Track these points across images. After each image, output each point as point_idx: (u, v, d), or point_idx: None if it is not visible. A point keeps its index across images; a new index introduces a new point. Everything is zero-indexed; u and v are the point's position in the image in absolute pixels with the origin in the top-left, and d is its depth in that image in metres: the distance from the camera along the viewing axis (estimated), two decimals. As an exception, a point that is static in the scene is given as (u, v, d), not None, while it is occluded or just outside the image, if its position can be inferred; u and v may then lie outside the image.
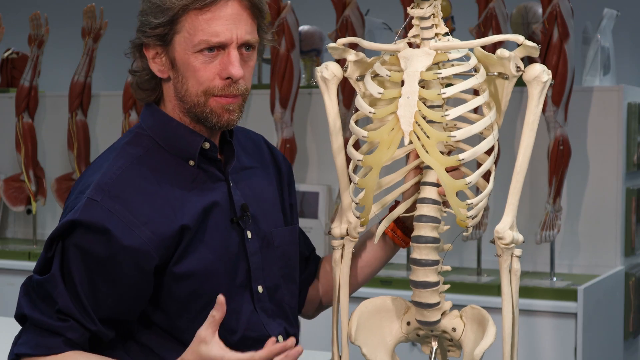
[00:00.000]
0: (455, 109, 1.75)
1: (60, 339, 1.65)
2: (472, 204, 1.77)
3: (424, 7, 1.78)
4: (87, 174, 1.75)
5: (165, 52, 1.71)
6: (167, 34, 1.69)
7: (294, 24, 4.03)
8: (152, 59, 1.72)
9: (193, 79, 1.69)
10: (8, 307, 4.29)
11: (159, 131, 1.75)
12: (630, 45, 5.45)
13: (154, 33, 1.69)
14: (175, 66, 1.71)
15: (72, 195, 1.74)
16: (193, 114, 1.73)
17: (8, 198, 4.72)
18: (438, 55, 1.79)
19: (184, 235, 1.69)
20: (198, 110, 1.72)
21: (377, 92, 1.80)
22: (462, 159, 1.73)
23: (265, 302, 1.81)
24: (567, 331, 3.36)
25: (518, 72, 1.78)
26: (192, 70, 1.69)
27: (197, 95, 1.70)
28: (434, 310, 1.83)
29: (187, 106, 1.73)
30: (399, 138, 1.75)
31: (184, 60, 1.69)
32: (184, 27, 1.68)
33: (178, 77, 1.71)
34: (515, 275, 1.79)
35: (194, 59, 1.68)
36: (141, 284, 1.68)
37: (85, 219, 1.65)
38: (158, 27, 1.69)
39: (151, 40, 1.70)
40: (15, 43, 5.09)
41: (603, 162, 3.75)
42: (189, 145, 1.74)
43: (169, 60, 1.71)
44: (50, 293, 1.66)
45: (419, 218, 1.80)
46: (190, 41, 1.68)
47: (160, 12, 1.68)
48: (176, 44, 1.69)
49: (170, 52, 1.70)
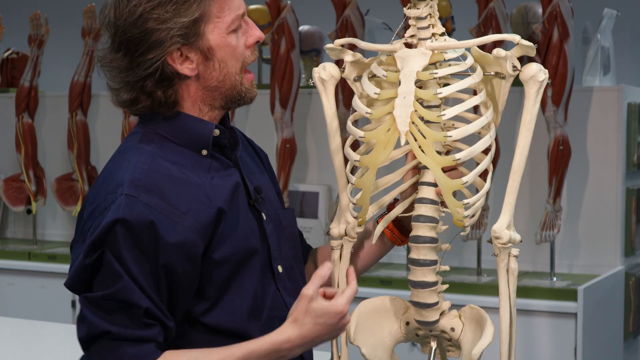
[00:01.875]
0: (452, 108, 1.76)
1: (152, 344, 1.61)
2: (469, 203, 1.77)
3: (421, 7, 1.78)
4: (108, 177, 1.69)
5: (193, 48, 1.66)
6: (195, 28, 1.65)
7: (294, 24, 4.03)
8: (182, 63, 1.67)
9: (232, 58, 1.69)
10: (8, 307, 4.31)
11: (166, 126, 1.72)
12: (630, 45, 5.45)
13: (179, 33, 1.64)
14: (210, 56, 1.68)
15: (94, 201, 1.67)
16: (227, 98, 1.72)
17: (8, 198, 4.72)
18: (434, 55, 1.79)
19: (221, 220, 1.69)
20: (235, 92, 1.72)
21: (373, 93, 1.80)
22: (458, 158, 1.74)
23: (286, 281, 1.81)
24: (567, 331, 3.36)
25: (515, 72, 1.78)
26: (231, 50, 1.68)
27: (235, 74, 1.71)
28: (432, 310, 1.83)
29: (224, 90, 1.71)
30: (395, 138, 1.76)
31: (222, 45, 1.68)
32: (211, 14, 1.65)
33: (214, 65, 1.68)
34: (512, 274, 1.79)
35: (231, 39, 1.68)
36: (192, 274, 1.66)
37: (129, 216, 1.60)
38: (185, 26, 1.64)
39: (176, 45, 1.65)
40: (15, 43, 5.09)
41: (603, 162, 3.75)
42: (201, 135, 1.72)
43: (202, 54, 1.67)
44: (127, 300, 1.60)
45: (417, 218, 1.80)
46: (223, 23, 1.67)
47: (187, 9, 1.63)
48: (207, 33, 1.66)
49: (202, 45, 1.66)
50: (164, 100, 1.68)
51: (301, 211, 4.12)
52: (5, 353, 2.89)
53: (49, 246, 4.61)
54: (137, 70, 1.66)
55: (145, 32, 1.64)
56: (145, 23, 1.63)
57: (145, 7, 1.63)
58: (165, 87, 1.68)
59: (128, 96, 1.69)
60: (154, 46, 1.64)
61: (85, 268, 1.63)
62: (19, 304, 4.35)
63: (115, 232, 1.60)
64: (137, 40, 1.64)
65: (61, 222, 4.83)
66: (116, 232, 1.60)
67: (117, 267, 1.60)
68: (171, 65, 1.66)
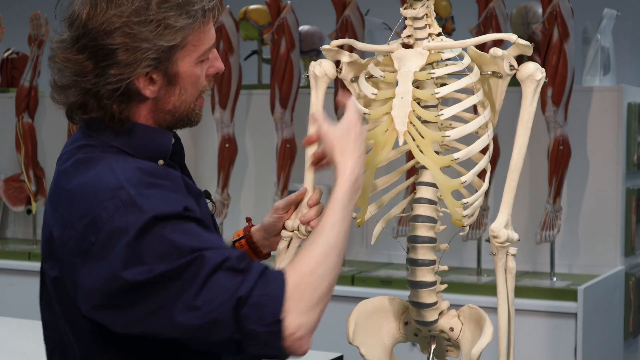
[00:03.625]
0: (449, 108, 1.76)
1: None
2: (467, 203, 1.77)
3: (417, 8, 1.78)
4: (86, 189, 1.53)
5: (160, 72, 1.56)
6: (170, 53, 1.55)
7: (294, 24, 4.03)
8: (146, 85, 1.56)
9: (193, 87, 1.62)
10: (8, 307, 4.31)
11: (120, 138, 1.59)
12: (630, 45, 5.45)
13: (154, 57, 1.53)
14: (173, 82, 1.59)
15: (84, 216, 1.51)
16: (177, 120, 1.65)
17: (8, 198, 4.73)
18: (431, 55, 1.79)
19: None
20: (186, 116, 1.64)
21: (371, 93, 1.80)
22: (456, 158, 1.74)
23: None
24: (567, 331, 3.36)
25: (512, 71, 1.78)
26: (194, 79, 1.61)
27: (192, 102, 1.63)
28: (431, 310, 1.83)
29: (176, 115, 1.63)
30: (393, 138, 1.76)
31: (189, 73, 1.60)
32: (189, 41, 1.57)
33: (174, 91, 1.60)
34: (510, 273, 1.79)
35: (198, 68, 1.61)
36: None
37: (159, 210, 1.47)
38: (162, 50, 1.54)
39: (148, 69, 1.54)
40: (15, 43, 5.09)
41: (603, 162, 3.75)
42: (160, 144, 1.64)
43: (166, 78, 1.58)
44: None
45: (415, 218, 1.80)
46: (196, 53, 1.58)
47: (170, 34, 1.54)
48: (178, 59, 1.57)
49: (170, 70, 1.57)
50: (117, 115, 1.57)
51: (301, 211, 4.12)
52: (5, 353, 2.89)
53: (49, 246, 4.61)
54: (97, 80, 1.54)
55: (119, 47, 1.52)
56: (121, 37, 1.52)
57: (127, 22, 1.52)
58: (122, 102, 1.56)
59: (77, 99, 1.57)
60: (124, 64, 1.52)
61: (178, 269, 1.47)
62: (19, 304, 4.35)
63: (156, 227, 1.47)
64: (107, 52, 1.53)
65: (61, 222, 4.83)
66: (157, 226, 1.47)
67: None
68: (136, 85, 1.55)
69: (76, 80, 1.55)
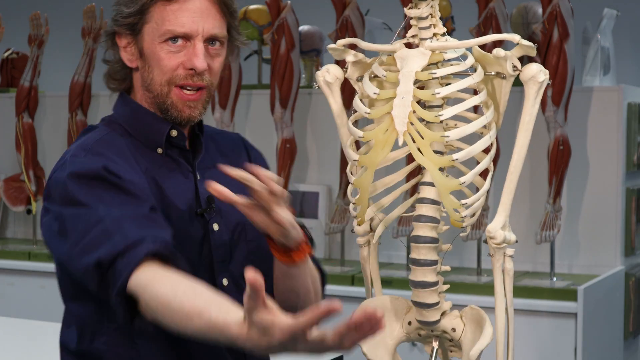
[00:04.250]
0: (450, 108, 1.76)
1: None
2: (467, 203, 1.77)
3: (422, 7, 1.78)
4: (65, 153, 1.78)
5: (134, 41, 1.76)
6: (137, 23, 1.74)
7: (294, 24, 4.03)
8: (124, 47, 1.78)
9: (158, 68, 1.74)
10: (8, 307, 4.31)
11: (128, 119, 1.79)
12: (630, 45, 5.45)
13: (125, 22, 1.75)
14: (143, 55, 1.76)
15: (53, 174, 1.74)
16: (157, 104, 1.77)
17: (8, 198, 4.72)
18: (434, 55, 1.79)
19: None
20: (160, 101, 1.76)
21: (372, 93, 1.80)
22: (455, 159, 1.74)
23: (232, 293, 1.66)
24: (567, 331, 3.36)
25: (515, 72, 1.78)
26: (157, 59, 1.74)
27: (160, 85, 1.74)
28: (433, 310, 1.83)
29: (152, 95, 1.77)
30: (393, 138, 1.76)
31: (151, 50, 1.74)
32: (152, 17, 1.73)
33: (145, 66, 1.76)
34: (508, 274, 1.80)
35: (160, 48, 1.73)
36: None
37: (77, 169, 1.66)
38: (129, 16, 1.74)
39: (122, 30, 1.76)
40: (15, 43, 5.09)
41: (603, 162, 3.75)
42: (156, 132, 1.77)
43: (138, 49, 1.76)
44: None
45: (418, 218, 1.80)
46: (157, 31, 1.73)
47: (131, 2, 1.74)
48: (145, 33, 1.74)
49: (139, 42, 1.76)
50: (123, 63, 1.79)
51: (301, 211, 4.12)
52: (5, 353, 2.89)
53: (49, 246, 4.60)
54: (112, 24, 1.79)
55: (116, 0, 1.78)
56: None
57: None
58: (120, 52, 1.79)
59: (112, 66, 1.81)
60: (114, 17, 1.78)
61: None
62: (19, 304, 4.35)
63: (66, 185, 1.65)
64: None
65: (61, 222, 4.83)
66: (66, 184, 1.65)
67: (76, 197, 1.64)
68: (117, 44, 1.78)
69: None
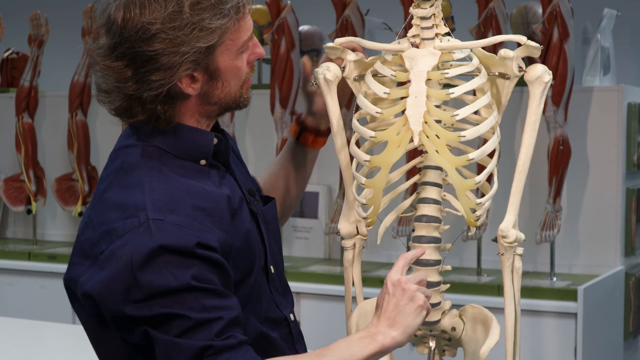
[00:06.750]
0: (463, 109, 1.75)
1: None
2: (481, 202, 1.77)
3: (426, 7, 1.78)
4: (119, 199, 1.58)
5: (201, 70, 1.59)
6: (209, 52, 1.58)
7: (294, 24, 4.03)
8: (188, 85, 1.59)
9: (236, 78, 1.64)
10: (8, 307, 4.31)
11: (164, 139, 1.63)
12: (630, 45, 5.45)
13: (192, 59, 1.56)
14: (215, 76, 1.62)
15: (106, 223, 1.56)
16: (225, 108, 1.68)
17: (8, 198, 4.72)
18: (443, 55, 1.79)
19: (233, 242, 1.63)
20: (233, 102, 1.67)
21: (382, 92, 1.79)
22: (471, 158, 1.73)
23: (276, 280, 1.77)
24: (567, 331, 3.36)
25: (520, 72, 1.78)
26: (236, 71, 1.63)
27: (237, 90, 1.66)
28: (435, 310, 1.83)
29: (223, 105, 1.66)
30: (408, 138, 1.74)
31: (230, 66, 1.62)
32: (226, 37, 1.59)
33: (217, 84, 1.63)
34: (517, 273, 1.80)
35: (239, 60, 1.64)
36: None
37: (167, 240, 1.50)
38: (200, 51, 1.56)
39: (189, 71, 1.57)
40: (15, 43, 5.09)
41: (603, 162, 3.75)
42: (202, 145, 1.65)
43: (208, 74, 1.61)
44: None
45: (420, 218, 1.80)
46: (234, 46, 1.61)
47: (206, 35, 1.56)
48: (218, 55, 1.59)
49: (211, 66, 1.60)
50: (162, 116, 1.60)
51: (301, 211, 4.12)
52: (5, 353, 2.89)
53: (49, 246, 4.61)
54: (139, 86, 1.56)
55: (157, 53, 1.54)
56: (158, 43, 1.54)
57: (161, 28, 1.53)
58: (166, 104, 1.59)
59: (121, 104, 1.60)
60: (164, 69, 1.55)
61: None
62: (19, 304, 4.35)
63: (155, 257, 1.50)
64: (145, 58, 1.55)
65: (61, 222, 4.83)
66: (157, 256, 1.50)
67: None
68: (178, 86, 1.58)
69: (118, 86, 1.58)
